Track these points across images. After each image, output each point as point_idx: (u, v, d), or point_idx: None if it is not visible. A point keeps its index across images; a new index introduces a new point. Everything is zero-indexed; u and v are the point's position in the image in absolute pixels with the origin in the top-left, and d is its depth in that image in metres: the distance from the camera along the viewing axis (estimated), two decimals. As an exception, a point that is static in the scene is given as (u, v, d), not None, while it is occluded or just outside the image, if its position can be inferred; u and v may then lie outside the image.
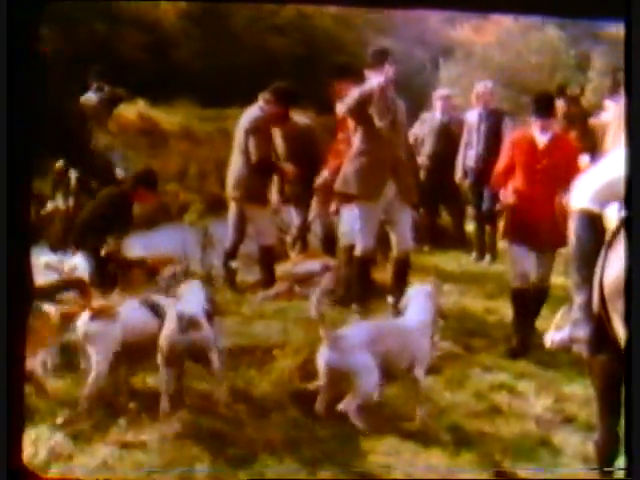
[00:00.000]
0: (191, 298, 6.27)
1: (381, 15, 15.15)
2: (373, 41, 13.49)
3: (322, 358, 6.01)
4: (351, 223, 8.46)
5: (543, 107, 7.80)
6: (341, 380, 5.98)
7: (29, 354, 5.73)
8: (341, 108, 8.35)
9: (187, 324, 5.95)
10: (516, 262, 7.85)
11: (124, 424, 5.75)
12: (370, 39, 13.98)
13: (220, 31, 14.92)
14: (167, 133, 13.54)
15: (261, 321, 7.94)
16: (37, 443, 5.50)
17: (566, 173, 7.15)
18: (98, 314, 6.15)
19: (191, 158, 12.71)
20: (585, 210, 5.12)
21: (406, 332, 6.23)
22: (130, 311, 6.38)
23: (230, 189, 9.19)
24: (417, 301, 6.41)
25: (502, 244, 8.96)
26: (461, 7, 6.56)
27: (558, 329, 5.66)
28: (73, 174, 9.26)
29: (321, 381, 6.07)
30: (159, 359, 6.04)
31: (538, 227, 7.66)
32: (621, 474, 5.04)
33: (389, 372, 6.13)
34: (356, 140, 8.24)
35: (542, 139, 7.82)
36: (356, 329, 6.24)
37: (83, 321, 6.14)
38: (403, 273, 8.37)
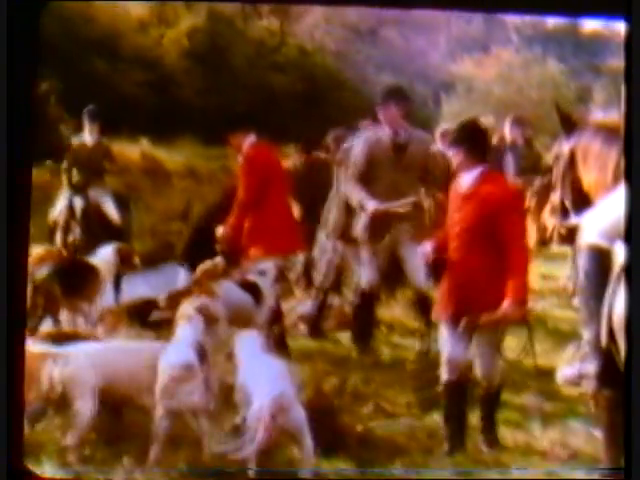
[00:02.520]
0: (184, 340, 6.20)
1: (382, 51, 15.19)
2: (374, 77, 13.51)
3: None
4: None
5: (466, 137, 6.34)
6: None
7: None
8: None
9: (180, 374, 5.81)
10: (444, 346, 6.40)
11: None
12: (371, 76, 14.00)
13: (222, 69, 14.96)
14: (170, 172, 13.55)
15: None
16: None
17: (496, 224, 6.07)
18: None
19: (195, 197, 12.71)
20: (594, 245, 5.11)
21: None
22: (228, 291, 7.23)
23: None
24: None
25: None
26: (461, 6, 6.57)
27: (568, 365, 5.62)
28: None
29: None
30: (158, 408, 5.89)
31: (466, 298, 6.22)
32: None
33: None
34: None
35: (466, 179, 6.27)
36: (288, 382, 5.90)
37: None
38: (426, 310, 8.16)
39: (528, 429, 6.62)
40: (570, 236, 6.01)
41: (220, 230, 8.34)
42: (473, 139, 6.29)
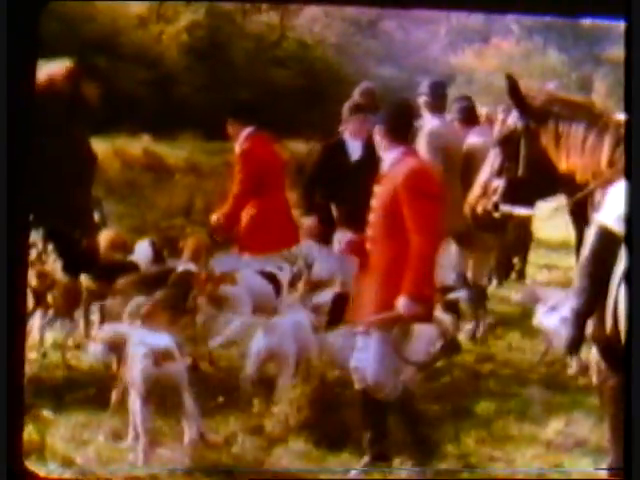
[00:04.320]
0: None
1: (381, 44, 15.19)
2: (374, 71, 13.52)
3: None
4: None
5: (388, 114, 5.72)
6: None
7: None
8: None
9: (160, 356, 5.61)
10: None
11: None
12: (371, 69, 14.00)
13: (222, 65, 14.97)
14: (172, 168, 13.55)
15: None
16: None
17: (402, 209, 5.40)
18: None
19: (197, 192, 12.71)
20: (607, 227, 5.08)
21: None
22: (249, 277, 7.35)
23: None
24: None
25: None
26: (463, 6, 6.54)
27: (552, 310, 5.66)
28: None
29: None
30: (133, 396, 5.69)
31: (366, 296, 5.62)
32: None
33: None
34: None
35: (387, 160, 5.64)
36: (287, 319, 6.52)
37: None
38: None
39: (533, 420, 6.62)
40: (502, 221, 5.95)
41: (214, 217, 8.26)
42: (395, 117, 5.67)
